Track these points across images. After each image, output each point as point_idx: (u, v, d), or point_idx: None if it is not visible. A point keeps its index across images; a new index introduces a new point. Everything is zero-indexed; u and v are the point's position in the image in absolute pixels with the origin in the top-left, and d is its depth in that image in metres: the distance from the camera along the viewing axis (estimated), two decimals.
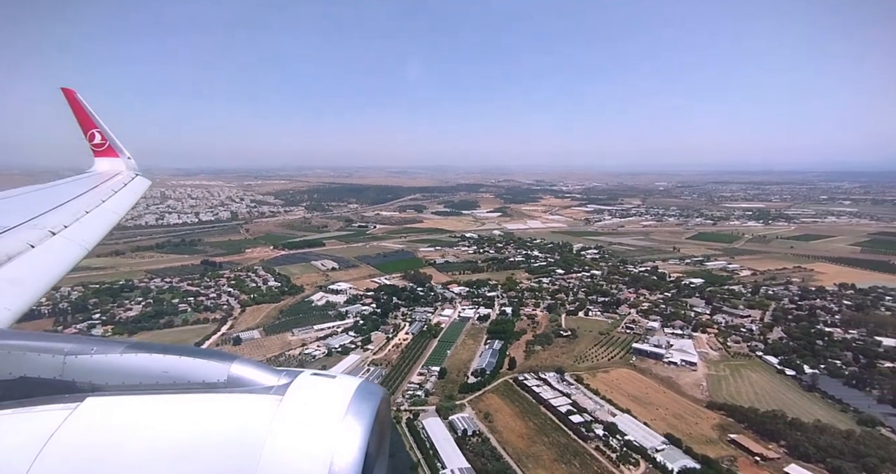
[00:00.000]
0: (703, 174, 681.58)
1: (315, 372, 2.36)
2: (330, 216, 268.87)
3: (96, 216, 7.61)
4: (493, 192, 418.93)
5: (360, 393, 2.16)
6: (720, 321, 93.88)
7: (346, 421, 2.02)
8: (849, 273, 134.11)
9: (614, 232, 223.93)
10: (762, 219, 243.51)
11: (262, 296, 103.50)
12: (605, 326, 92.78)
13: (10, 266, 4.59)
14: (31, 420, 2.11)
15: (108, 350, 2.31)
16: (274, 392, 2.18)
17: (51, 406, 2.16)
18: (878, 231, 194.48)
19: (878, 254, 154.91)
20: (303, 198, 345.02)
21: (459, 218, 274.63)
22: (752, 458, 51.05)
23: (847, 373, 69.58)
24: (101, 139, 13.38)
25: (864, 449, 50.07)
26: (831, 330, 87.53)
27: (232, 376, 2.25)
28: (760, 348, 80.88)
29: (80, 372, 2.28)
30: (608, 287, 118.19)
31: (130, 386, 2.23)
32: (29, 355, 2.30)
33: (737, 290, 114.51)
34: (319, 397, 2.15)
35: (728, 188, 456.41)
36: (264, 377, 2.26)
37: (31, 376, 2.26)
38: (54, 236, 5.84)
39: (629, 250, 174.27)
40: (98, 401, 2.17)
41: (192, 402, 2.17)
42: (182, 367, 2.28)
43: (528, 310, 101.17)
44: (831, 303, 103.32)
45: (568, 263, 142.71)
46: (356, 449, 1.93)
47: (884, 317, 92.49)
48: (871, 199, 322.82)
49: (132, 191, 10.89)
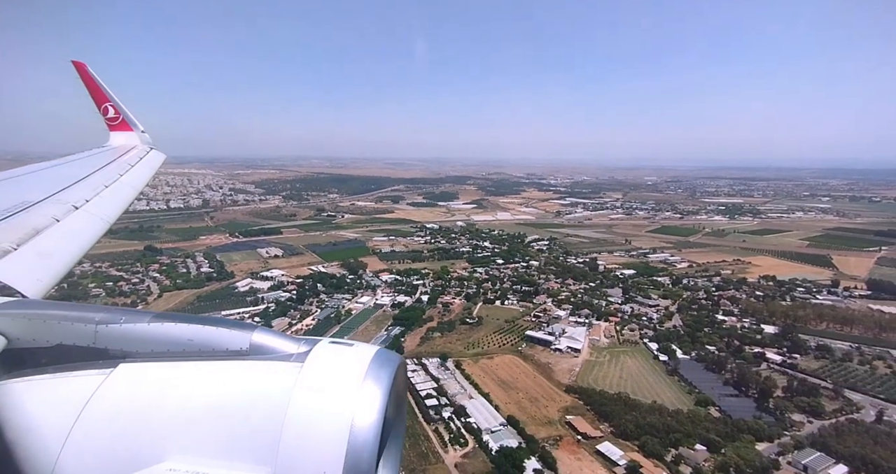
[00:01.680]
0: (700, 169, 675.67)
1: (333, 341, 2.46)
2: (305, 205, 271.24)
3: (115, 190, 7.77)
4: (478, 185, 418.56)
5: (378, 360, 2.24)
6: (627, 310, 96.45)
7: (365, 385, 2.09)
8: (782, 266, 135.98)
9: (580, 224, 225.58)
10: (730, 214, 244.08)
11: (186, 282, 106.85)
12: (515, 314, 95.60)
13: (38, 239, 4.74)
14: (70, 384, 2.24)
15: (136, 319, 2.46)
16: (294, 359, 2.28)
17: (86, 371, 2.29)
18: (835, 227, 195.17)
19: (820, 248, 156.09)
20: (285, 188, 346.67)
21: (432, 209, 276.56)
22: (576, 437, 54.08)
23: (710, 358, 72.17)
24: (114, 113, 13.31)
25: (677, 426, 53.07)
26: (725, 318, 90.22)
27: (254, 344, 2.36)
28: (650, 335, 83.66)
29: (111, 340, 2.40)
30: (537, 277, 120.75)
31: (159, 354, 2.37)
32: (63, 324, 2.43)
33: (660, 281, 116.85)
34: (338, 363, 2.24)
35: (716, 183, 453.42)
36: (285, 345, 2.37)
37: (67, 344, 2.39)
38: (77, 210, 5.97)
39: (581, 242, 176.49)
40: (130, 367, 2.30)
41: (217, 369, 2.29)
42: (206, 336, 2.40)
43: (447, 298, 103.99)
44: (743, 293, 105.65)
45: (511, 254, 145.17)
46: (376, 410, 2.01)
47: (779, 306, 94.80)
48: (850, 196, 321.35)
49: (148, 166, 11.01)
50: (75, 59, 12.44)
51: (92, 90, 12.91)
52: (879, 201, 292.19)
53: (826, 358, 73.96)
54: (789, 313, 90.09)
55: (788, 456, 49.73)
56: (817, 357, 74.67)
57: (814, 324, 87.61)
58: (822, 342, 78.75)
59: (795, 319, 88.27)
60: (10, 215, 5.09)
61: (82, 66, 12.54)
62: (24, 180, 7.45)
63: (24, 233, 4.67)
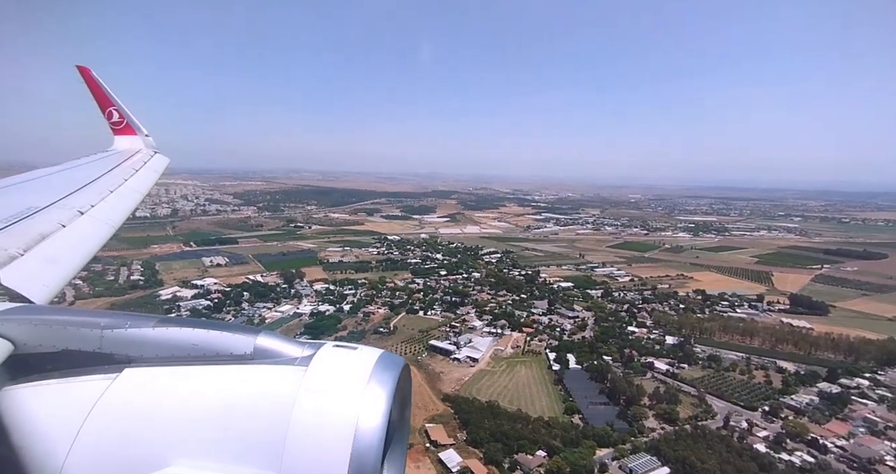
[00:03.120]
0: (688, 188, 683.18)
1: (337, 344, 2.45)
2: (278, 216, 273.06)
3: (120, 195, 7.74)
4: (460, 199, 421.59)
5: (382, 363, 2.24)
6: (544, 321, 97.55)
7: (370, 387, 2.09)
8: (721, 281, 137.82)
9: (544, 239, 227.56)
10: (694, 232, 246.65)
11: (107, 289, 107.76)
12: (433, 324, 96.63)
13: (44, 244, 4.74)
14: (76, 389, 2.25)
15: (140, 324, 2.46)
16: (299, 363, 2.29)
17: (92, 376, 2.29)
18: (791, 245, 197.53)
19: (766, 265, 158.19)
20: (265, 199, 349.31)
21: (404, 222, 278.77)
22: (426, 445, 54.66)
23: (595, 368, 72.99)
24: (118, 117, 13.27)
25: (528, 433, 54.06)
26: (636, 329, 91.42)
27: (258, 348, 2.36)
28: (553, 346, 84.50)
29: (116, 345, 2.39)
30: (472, 288, 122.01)
31: (164, 358, 2.37)
32: (69, 329, 2.42)
33: (592, 294, 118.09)
34: (343, 366, 2.24)
35: (697, 202, 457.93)
36: (289, 348, 2.38)
37: (73, 349, 2.38)
38: (83, 215, 5.98)
39: (536, 256, 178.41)
40: (135, 372, 2.30)
41: (222, 372, 2.28)
42: (210, 340, 2.39)
43: (372, 308, 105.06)
44: (666, 306, 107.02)
45: (457, 266, 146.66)
46: (380, 413, 2.00)
47: (691, 319, 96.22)
48: (822, 217, 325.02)
49: (153, 170, 10.98)
50: (80, 65, 12.46)
51: (96, 95, 12.96)
52: (848, 222, 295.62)
53: (712, 367, 75.07)
54: (696, 325, 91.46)
55: (621, 461, 50.43)
56: (704, 366, 75.87)
57: (718, 335, 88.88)
58: (715, 352, 79.94)
59: (701, 331, 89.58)
60: (16, 221, 5.13)
61: (87, 70, 12.53)
62: (29, 186, 7.46)
63: (31, 238, 4.70)
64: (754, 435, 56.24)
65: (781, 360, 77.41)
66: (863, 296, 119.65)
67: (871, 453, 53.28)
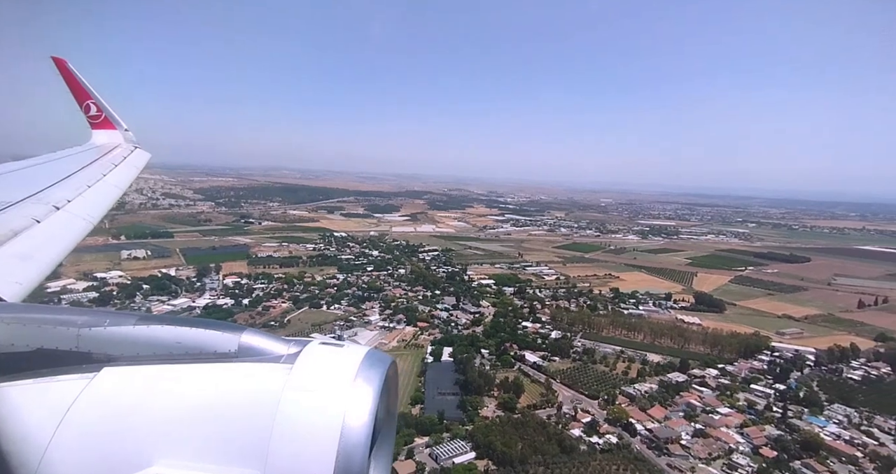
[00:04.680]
0: (665, 194, 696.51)
1: (324, 342, 2.43)
2: (234, 212, 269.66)
3: (98, 190, 7.54)
4: (430, 200, 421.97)
5: (369, 360, 2.23)
6: (443, 316, 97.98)
7: (356, 385, 2.07)
8: (645, 280, 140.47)
9: (494, 238, 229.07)
10: (644, 235, 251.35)
11: None
12: (329, 318, 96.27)
13: (17, 241, 4.59)
14: (51, 390, 2.16)
15: (120, 322, 2.38)
16: (284, 360, 2.26)
17: (68, 376, 2.21)
18: (727, 249, 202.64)
19: (695, 267, 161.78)
20: (228, 196, 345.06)
21: (361, 220, 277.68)
22: None
23: (459, 360, 73.48)
24: (96, 111, 12.78)
25: None
26: (528, 324, 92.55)
27: (243, 346, 2.33)
28: (440, 339, 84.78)
29: (94, 343, 2.32)
30: (389, 284, 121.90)
31: (145, 357, 2.30)
32: (44, 328, 2.35)
33: (506, 291, 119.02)
34: (329, 364, 2.21)
35: (664, 207, 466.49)
36: (274, 346, 2.35)
37: (48, 348, 2.31)
38: (58, 211, 5.80)
39: (475, 254, 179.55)
40: (114, 371, 2.23)
41: (205, 371, 2.24)
42: (193, 338, 2.35)
43: (276, 302, 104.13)
44: (573, 303, 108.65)
45: (387, 263, 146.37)
46: (367, 411, 1.99)
47: (585, 314, 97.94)
48: (773, 223, 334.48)
49: (132, 165, 10.73)
50: (55, 56, 11.88)
51: (73, 87, 12.35)
52: (797, 229, 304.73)
53: (582, 360, 76.32)
54: (588, 321, 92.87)
55: (433, 448, 50.86)
56: (575, 359, 77.07)
57: (607, 331, 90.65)
58: (594, 346, 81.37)
59: (591, 326, 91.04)
60: None
61: (62, 62, 11.95)
62: (0, 180, 7.10)
63: (2, 234, 4.52)
64: (577, 421, 57.63)
65: (653, 353, 79.23)
66: (767, 296, 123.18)
67: (671, 433, 55.78)
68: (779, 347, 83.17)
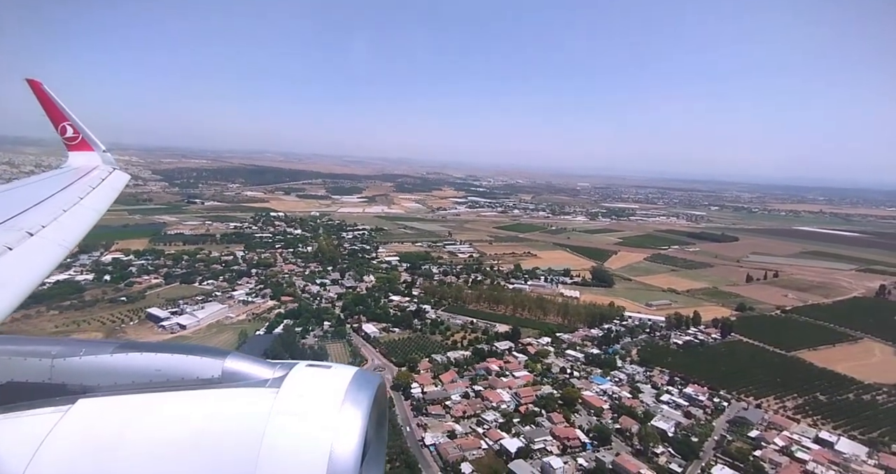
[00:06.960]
0: (647, 180, 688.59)
1: (310, 364, 2.36)
2: (186, 193, 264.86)
3: (74, 214, 7.27)
4: (400, 183, 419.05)
5: (357, 382, 2.16)
6: (314, 290, 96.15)
7: (344, 409, 2.01)
8: (561, 258, 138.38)
9: (440, 219, 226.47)
10: (594, 216, 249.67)
11: None
12: (193, 293, 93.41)
13: None
14: (22, 425, 2.05)
15: (97, 351, 2.26)
16: (270, 385, 2.17)
17: (41, 410, 2.10)
18: (667, 229, 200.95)
19: (624, 246, 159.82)
20: (190, 176, 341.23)
21: (314, 201, 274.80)
22: None
23: (289, 331, 71.53)
24: (73, 132, 12.59)
25: None
26: (396, 298, 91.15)
27: (227, 371, 2.23)
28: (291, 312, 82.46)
29: (69, 374, 2.21)
30: (286, 260, 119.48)
31: (123, 386, 2.17)
32: (15, 359, 2.23)
33: (400, 267, 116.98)
34: (316, 387, 2.14)
35: (636, 191, 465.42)
36: (259, 370, 2.26)
37: (19, 380, 2.19)
38: (32, 237, 5.57)
39: (406, 233, 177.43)
40: (90, 403, 2.11)
41: (187, 398, 2.13)
42: (175, 365, 2.25)
43: (148, 277, 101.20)
44: (458, 277, 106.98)
45: (299, 241, 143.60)
46: (356, 436, 1.93)
47: (461, 289, 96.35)
48: (737, 207, 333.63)
49: (111, 187, 10.51)
50: (30, 78, 11.48)
51: (48, 109, 11.93)
52: (756, 212, 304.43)
53: (422, 330, 74.80)
54: (457, 295, 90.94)
55: None
56: (416, 330, 75.31)
57: (473, 304, 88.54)
58: (448, 318, 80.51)
59: (458, 299, 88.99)
60: None
61: (37, 84, 11.59)
62: None
63: None
64: None
65: (503, 324, 77.51)
66: (670, 272, 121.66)
67: (441, 395, 55.48)
68: (633, 317, 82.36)
